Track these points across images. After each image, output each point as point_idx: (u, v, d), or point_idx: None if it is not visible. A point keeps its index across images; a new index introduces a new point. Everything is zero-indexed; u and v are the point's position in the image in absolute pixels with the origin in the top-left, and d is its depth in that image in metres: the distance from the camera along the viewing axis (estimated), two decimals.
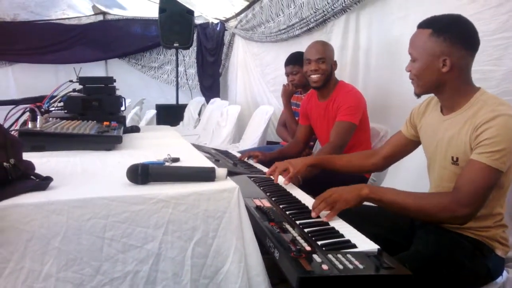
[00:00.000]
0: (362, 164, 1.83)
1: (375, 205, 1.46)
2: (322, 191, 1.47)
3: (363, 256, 1.05)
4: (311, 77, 2.48)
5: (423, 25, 1.46)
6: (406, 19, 2.52)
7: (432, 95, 1.57)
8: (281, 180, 1.85)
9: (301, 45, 3.54)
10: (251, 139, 3.89)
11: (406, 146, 1.72)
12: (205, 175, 1.22)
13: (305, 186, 1.84)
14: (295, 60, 3.17)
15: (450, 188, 1.43)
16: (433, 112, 1.59)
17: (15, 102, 2.14)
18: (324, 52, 2.47)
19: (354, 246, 1.14)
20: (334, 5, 3.03)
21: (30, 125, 1.69)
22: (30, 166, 1.19)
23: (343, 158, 1.89)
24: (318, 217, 1.37)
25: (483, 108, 1.36)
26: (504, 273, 1.46)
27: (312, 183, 1.84)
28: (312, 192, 1.62)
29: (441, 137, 1.49)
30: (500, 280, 1.44)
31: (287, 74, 3.26)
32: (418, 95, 1.52)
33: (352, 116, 2.37)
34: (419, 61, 1.45)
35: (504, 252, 1.45)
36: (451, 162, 1.44)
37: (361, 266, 1.00)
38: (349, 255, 1.05)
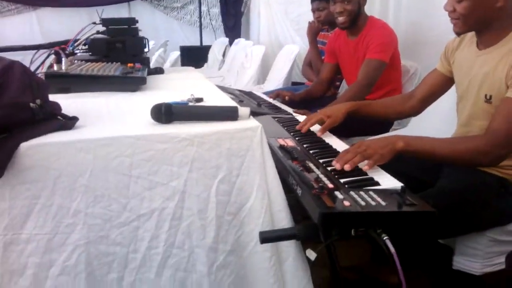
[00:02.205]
0: (400, 109, 1.74)
1: None
2: (346, 132, 1.43)
3: (386, 193, 1.05)
4: (337, 19, 2.38)
5: None
6: None
7: None
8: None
9: None
10: (276, 80, 3.85)
11: (443, 83, 1.64)
12: (228, 114, 1.22)
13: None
14: None
15: (479, 126, 1.39)
16: (467, 46, 1.52)
17: (40, 47, 2.15)
18: None
19: (377, 183, 1.13)
20: None
21: (55, 67, 1.70)
22: (56, 106, 1.21)
23: (379, 103, 1.79)
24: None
25: None
26: None
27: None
28: (336, 133, 1.60)
29: (475, 73, 1.42)
30: None
31: (313, 11, 3.14)
32: (459, 34, 1.45)
33: (383, 54, 2.29)
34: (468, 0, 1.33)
35: None
36: (484, 100, 1.38)
37: (383, 203, 1.00)
38: (371, 192, 1.04)
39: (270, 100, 2.44)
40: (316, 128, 1.61)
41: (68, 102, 1.29)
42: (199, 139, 1.12)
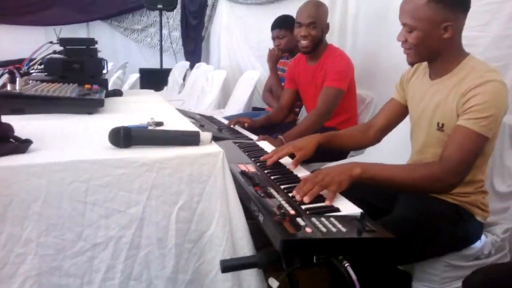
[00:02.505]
0: (362, 139, 1.76)
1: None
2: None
3: (346, 219, 1.06)
4: (301, 42, 2.42)
5: None
6: None
7: None
8: (266, 146, 1.84)
9: (287, 8, 3.46)
10: (236, 105, 3.86)
11: (400, 112, 1.68)
12: (190, 139, 1.21)
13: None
14: (281, 24, 3.10)
15: (433, 153, 1.43)
16: (420, 76, 1.57)
17: None
18: (317, 16, 2.38)
19: (338, 210, 1.14)
20: None
21: (9, 87, 1.64)
22: (9, 128, 1.15)
23: (345, 135, 1.79)
24: None
25: (471, 74, 1.35)
26: (483, 237, 1.49)
27: None
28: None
29: (427, 103, 1.47)
30: (478, 244, 1.47)
31: (273, 38, 3.19)
32: (412, 64, 1.50)
33: (340, 82, 2.34)
34: (418, 30, 1.37)
35: (484, 217, 1.47)
36: (436, 128, 1.43)
37: (344, 229, 1.00)
38: (332, 219, 1.05)
39: (236, 126, 2.44)
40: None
41: (21, 124, 1.24)
42: (159, 165, 1.10)
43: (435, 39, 1.38)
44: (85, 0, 7.20)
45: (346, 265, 0.95)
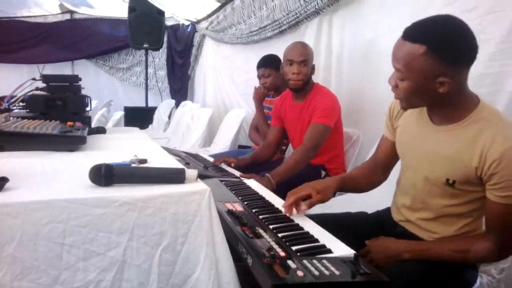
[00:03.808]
0: (375, 178, 1.65)
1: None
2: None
3: (339, 261, 1.01)
4: (292, 80, 2.42)
5: (413, 38, 1.19)
6: (380, 22, 2.52)
7: None
8: (253, 184, 1.80)
9: (272, 48, 3.52)
10: (222, 143, 3.84)
11: (395, 149, 1.53)
12: (174, 176, 1.16)
13: (277, 190, 1.80)
14: (267, 63, 3.13)
15: (439, 205, 1.35)
16: (415, 115, 1.41)
17: None
18: (306, 54, 2.43)
19: (330, 251, 1.10)
20: (307, 7, 3.01)
21: None
22: None
23: (358, 175, 1.69)
24: (291, 220, 1.32)
25: (487, 129, 1.21)
26: (478, 278, 1.45)
27: (285, 186, 1.79)
28: (285, 195, 1.57)
29: (431, 150, 1.33)
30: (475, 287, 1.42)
31: (259, 77, 3.21)
32: (405, 109, 1.39)
33: (328, 119, 2.34)
34: (409, 81, 1.22)
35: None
36: (444, 182, 1.30)
37: (337, 272, 0.96)
38: (324, 261, 1.01)
39: (222, 164, 2.40)
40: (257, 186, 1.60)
41: (0, 162, 1.19)
42: (142, 204, 1.05)
43: (429, 92, 1.23)
44: (71, 39, 7.24)
45: None
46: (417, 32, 1.20)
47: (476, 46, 1.18)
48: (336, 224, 1.38)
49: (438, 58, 1.16)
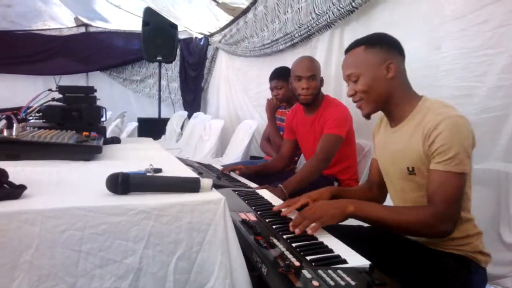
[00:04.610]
0: (371, 196, 1.71)
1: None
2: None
3: (354, 272, 1.01)
4: (302, 95, 2.44)
5: (352, 46, 1.50)
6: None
7: (382, 113, 1.56)
8: (266, 194, 1.80)
9: (285, 60, 3.54)
10: (234, 154, 3.85)
11: None
12: (190, 185, 1.17)
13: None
14: (280, 75, 3.16)
15: (415, 198, 1.43)
16: (383, 127, 1.61)
17: None
18: (314, 69, 2.46)
19: (345, 261, 1.09)
20: (319, 21, 3.03)
21: (5, 132, 1.62)
22: (2, 173, 1.11)
23: (356, 190, 1.79)
24: (305, 231, 1.32)
25: (428, 114, 1.37)
26: (487, 286, 1.43)
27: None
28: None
29: (392, 150, 1.49)
30: None
31: (272, 89, 3.24)
32: (368, 115, 1.51)
33: (339, 129, 2.35)
34: (363, 76, 1.45)
35: (486, 262, 1.43)
36: (407, 172, 1.43)
37: (352, 283, 0.95)
38: (339, 271, 1.00)
39: (231, 173, 2.41)
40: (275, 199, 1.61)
41: (16, 170, 1.21)
42: (158, 212, 1.06)
43: (381, 81, 1.44)
44: (86, 51, 7.35)
45: None
46: (352, 44, 1.52)
47: (398, 41, 1.49)
48: (349, 236, 1.38)
49: (377, 48, 1.45)
